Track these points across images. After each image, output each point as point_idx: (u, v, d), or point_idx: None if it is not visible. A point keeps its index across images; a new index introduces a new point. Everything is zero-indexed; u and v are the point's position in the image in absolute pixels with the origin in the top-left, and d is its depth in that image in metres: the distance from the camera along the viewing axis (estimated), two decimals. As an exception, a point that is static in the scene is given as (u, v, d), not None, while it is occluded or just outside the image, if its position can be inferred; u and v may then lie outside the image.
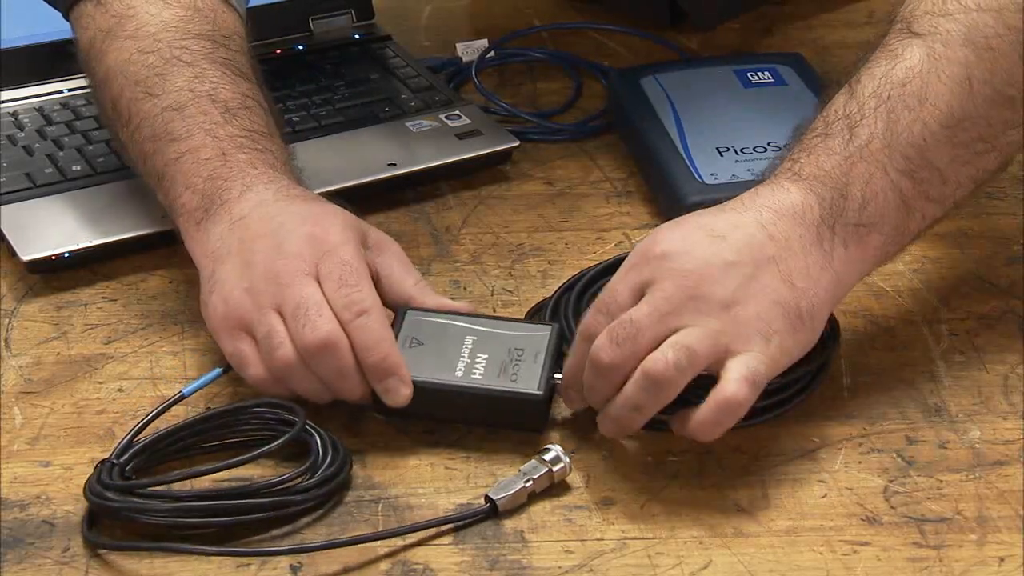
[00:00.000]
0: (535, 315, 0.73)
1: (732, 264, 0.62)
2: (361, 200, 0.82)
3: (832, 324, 0.71)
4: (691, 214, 0.66)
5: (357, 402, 0.65)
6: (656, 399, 0.62)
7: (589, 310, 0.65)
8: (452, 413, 0.66)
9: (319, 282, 0.63)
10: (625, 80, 0.88)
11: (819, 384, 0.68)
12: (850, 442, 0.67)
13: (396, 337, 0.66)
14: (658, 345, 0.61)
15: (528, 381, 0.65)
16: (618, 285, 0.64)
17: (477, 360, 0.66)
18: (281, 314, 0.62)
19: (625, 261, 0.64)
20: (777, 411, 0.68)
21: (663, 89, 0.86)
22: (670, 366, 0.61)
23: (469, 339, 0.67)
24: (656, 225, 0.81)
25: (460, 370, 0.65)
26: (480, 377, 0.65)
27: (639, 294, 0.63)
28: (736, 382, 0.61)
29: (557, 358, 0.67)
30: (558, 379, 0.66)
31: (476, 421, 0.66)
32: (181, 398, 0.66)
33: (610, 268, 0.75)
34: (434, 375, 0.65)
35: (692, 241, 0.63)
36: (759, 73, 0.88)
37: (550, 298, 0.73)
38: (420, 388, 0.65)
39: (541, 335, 0.67)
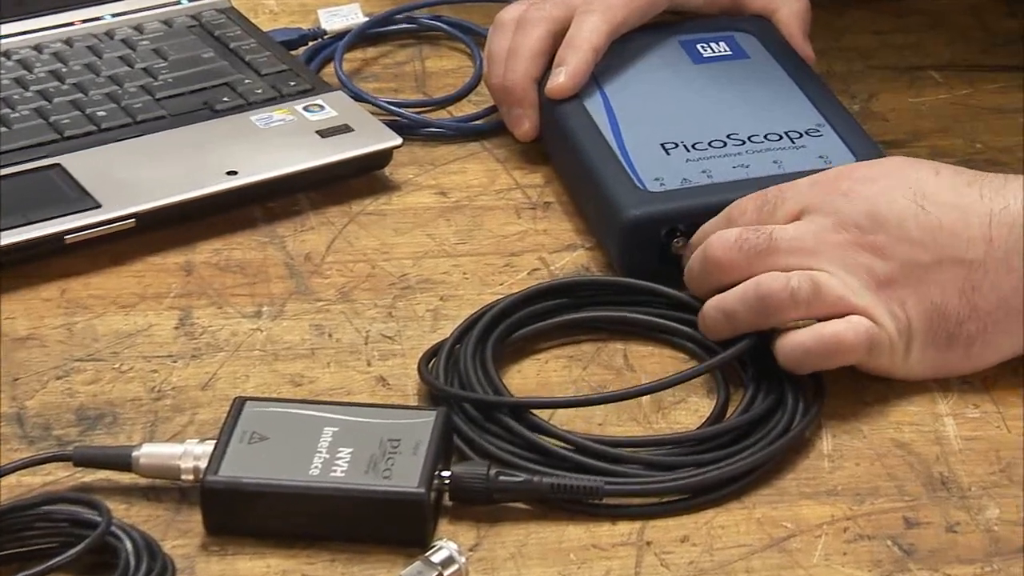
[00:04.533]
0: (431, 361, 0.74)
1: (915, 243, 0.70)
2: (193, 219, 0.83)
3: (815, 376, 0.72)
4: (920, 163, 0.73)
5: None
6: (755, 318, 0.71)
7: (751, 195, 0.74)
8: (308, 524, 0.66)
9: None
10: None
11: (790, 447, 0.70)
12: (832, 527, 0.67)
13: (232, 432, 0.67)
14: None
15: (405, 477, 0.65)
16: (789, 189, 0.73)
17: (339, 455, 0.66)
18: None
19: (816, 174, 0.74)
20: (735, 485, 0.68)
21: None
22: (787, 291, 0.70)
23: (328, 431, 0.67)
24: (581, 246, 0.83)
25: (316, 468, 0.66)
26: (342, 475, 0.65)
27: (800, 209, 0.72)
28: (854, 328, 0.69)
29: (445, 450, 0.68)
30: (446, 476, 0.66)
31: (340, 534, 0.66)
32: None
33: (524, 302, 0.76)
34: (281, 475, 0.65)
35: (890, 193, 0.71)
36: (713, 44, 0.89)
37: (445, 342, 0.74)
38: (263, 493, 0.65)
39: (423, 422, 0.68)
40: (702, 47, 0.89)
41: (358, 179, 0.86)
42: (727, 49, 0.89)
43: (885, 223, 0.71)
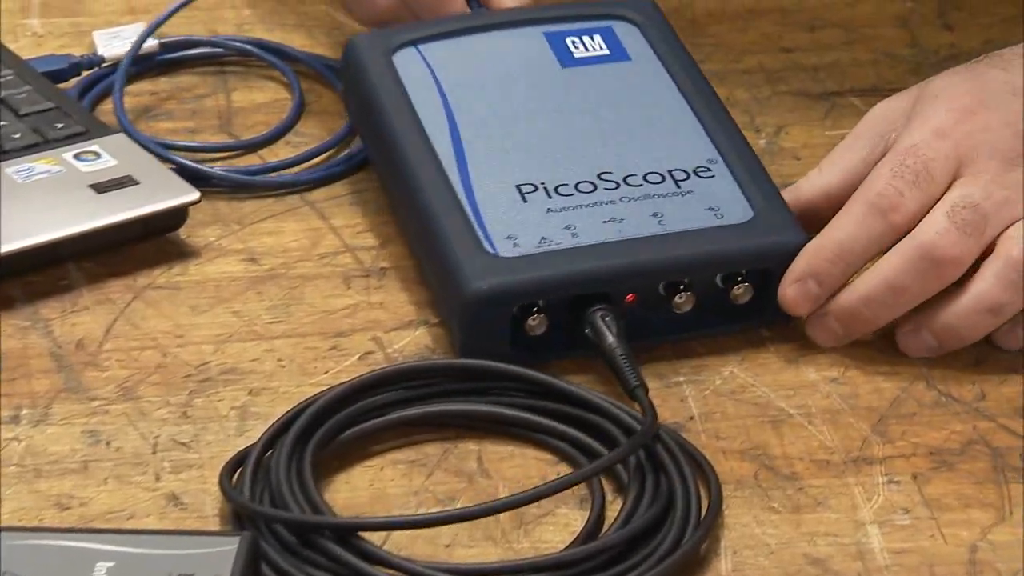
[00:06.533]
0: (235, 473, 0.73)
1: None
2: (-69, 302, 0.82)
3: (707, 472, 0.73)
4: (973, 68, 0.84)
5: None
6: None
7: (880, 168, 0.81)
8: None
9: None
10: (368, 56, 0.86)
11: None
12: (733, 668, 0.68)
13: None
14: (1003, 230, 0.78)
15: None
16: (923, 149, 0.80)
17: None
18: None
19: (916, 119, 0.81)
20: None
21: (431, 71, 0.86)
22: None
23: (101, 567, 0.67)
24: (425, 323, 0.83)
25: None
26: None
27: (955, 166, 0.79)
28: None
29: None
30: None
31: None
32: None
33: (354, 394, 0.76)
34: None
35: (992, 94, 0.81)
36: (586, 39, 0.88)
37: (253, 447, 0.74)
38: None
39: (223, 551, 0.67)
40: (573, 43, 0.88)
41: (145, 244, 0.86)
42: (603, 47, 0.88)
43: (1016, 123, 0.79)
